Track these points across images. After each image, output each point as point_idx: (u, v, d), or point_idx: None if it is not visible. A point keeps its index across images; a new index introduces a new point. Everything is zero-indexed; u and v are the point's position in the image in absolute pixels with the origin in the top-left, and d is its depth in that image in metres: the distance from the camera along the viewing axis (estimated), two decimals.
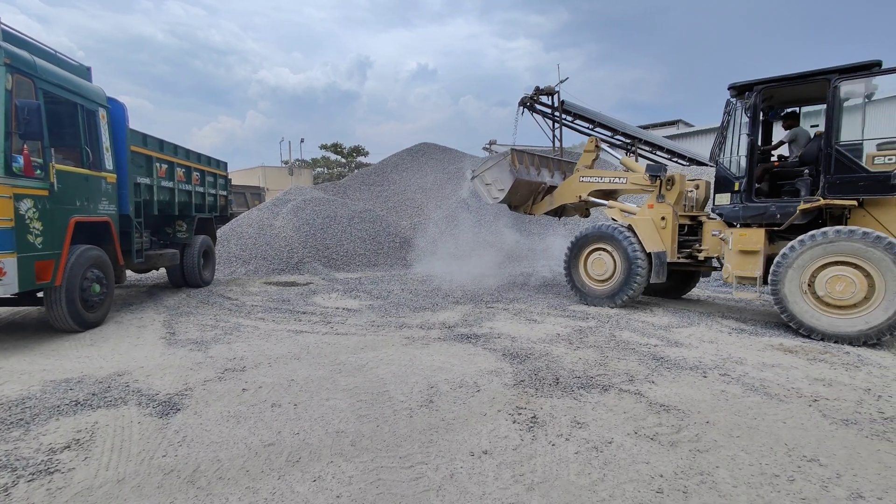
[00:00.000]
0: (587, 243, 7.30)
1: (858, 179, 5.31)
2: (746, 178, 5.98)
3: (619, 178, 7.83)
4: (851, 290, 5.10)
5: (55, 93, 5.04)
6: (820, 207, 5.56)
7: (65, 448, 2.75)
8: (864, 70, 5.30)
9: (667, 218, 6.75)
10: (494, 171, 8.53)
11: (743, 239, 5.95)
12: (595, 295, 7.19)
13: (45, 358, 4.45)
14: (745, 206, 6.00)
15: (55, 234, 4.93)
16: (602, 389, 3.71)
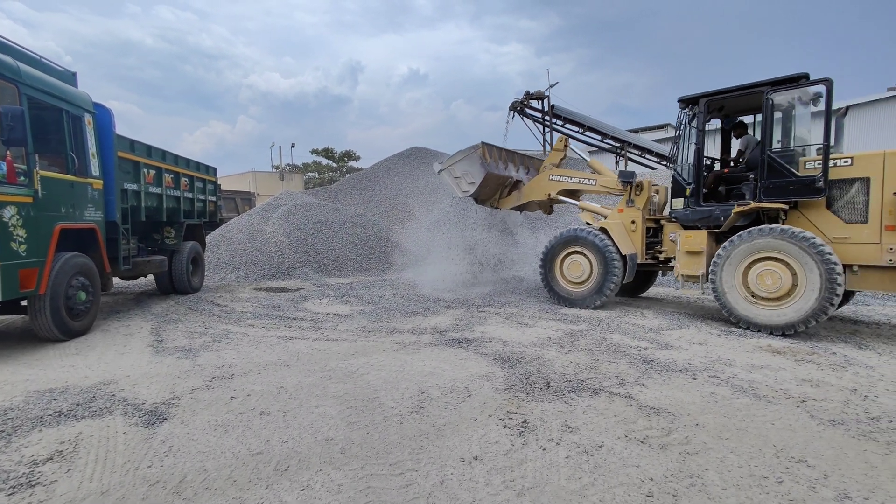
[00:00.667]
0: (563, 247, 7.49)
1: (789, 184, 5.70)
2: (696, 184, 6.40)
3: (588, 179, 8.13)
4: (778, 283, 5.52)
5: (40, 98, 4.97)
6: (755, 210, 5.94)
7: (47, 460, 2.70)
8: (793, 82, 5.72)
9: (636, 221, 7.18)
10: (464, 164, 8.46)
11: (689, 240, 6.38)
12: (572, 297, 7.35)
13: (28, 368, 4.37)
14: (693, 210, 6.46)
15: (39, 242, 4.86)
16: (593, 393, 3.71)
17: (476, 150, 8.35)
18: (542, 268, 7.71)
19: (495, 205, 9.20)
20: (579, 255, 7.33)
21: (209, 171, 9.73)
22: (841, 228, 5.58)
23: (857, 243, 5.47)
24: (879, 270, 5.39)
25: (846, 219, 5.57)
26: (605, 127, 19.22)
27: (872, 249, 5.38)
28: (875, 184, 5.37)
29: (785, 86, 5.75)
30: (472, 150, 8.42)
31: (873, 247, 5.37)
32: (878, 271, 5.40)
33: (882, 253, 5.31)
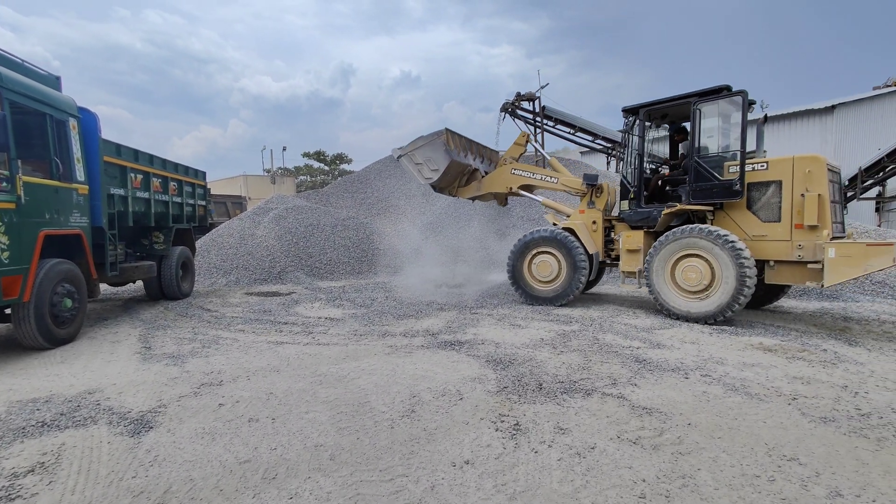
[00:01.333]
0: (531, 247, 7.64)
1: (713, 187, 6.23)
2: (637, 187, 6.89)
3: (550, 177, 8.31)
4: (699, 277, 6.06)
5: (22, 103, 4.89)
6: (685, 211, 6.47)
7: (28, 472, 2.63)
8: (715, 93, 6.25)
9: (597, 222, 7.53)
10: (426, 150, 8.26)
11: (629, 240, 6.86)
12: (541, 295, 7.55)
13: (11, 377, 4.28)
14: (635, 211, 6.98)
15: (23, 249, 4.77)
16: (585, 394, 3.70)
17: (440, 137, 8.14)
18: (510, 268, 7.82)
19: (453, 193, 9.11)
20: (547, 254, 7.53)
21: (198, 175, 9.64)
22: (759, 227, 6.09)
23: (772, 241, 5.99)
24: (791, 265, 5.93)
25: (763, 218, 6.08)
26: (595, 127, 19.30)
27: (785, 246, 5.91)
28: (786, 186, 5.90)
29: (709, 97, 6.29)
30: (436, 137, 8.19)
31: (785, 244, 5.91)
32: (790, 265, 5.94)
33: (792, 249, 5.85)
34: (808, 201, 5.70)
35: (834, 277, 5.42)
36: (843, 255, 5.34)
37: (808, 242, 5.75)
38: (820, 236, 5.68)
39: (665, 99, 6.74)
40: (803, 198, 5.75)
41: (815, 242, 5.68)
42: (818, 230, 5.70)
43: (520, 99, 17.18)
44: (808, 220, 5.71)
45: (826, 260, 5.45)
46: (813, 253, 5.71)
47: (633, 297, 8.52)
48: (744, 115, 6.11)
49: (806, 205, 5.71)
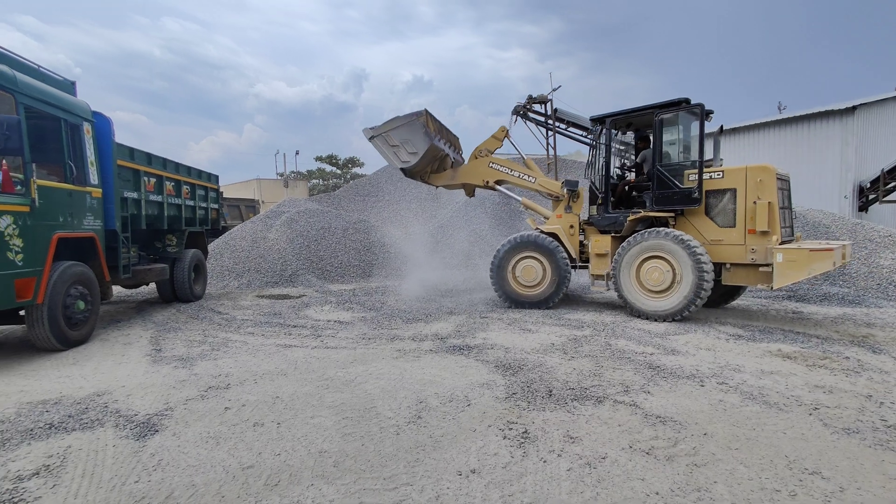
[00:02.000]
0: (515, 252, 7.63)
1: (673, 194, 6.59)
2: (604, 194, 7.20)
3: (529, 176, 8.25)
4: (662, 277, 6.42)
5: (37, 107, 4.96)
6: (648, 217, 6.83)
7: (33, 475, 2.63)
8: (675, 106, 6.58)
9: (574, 226, 7.70)
10: (403, 131, 7.92)
11: (598, 243, 7.16)
12: (526, 300, 7.56)
13: (23, 378, 4.32)
14: (603, 216, 7.26)
15: (37, 251, 4.83)
16: (596, 401, 3.60)
17: (419, 118, 7.85)
18: (493, 273, 7.76)
19: (425, 178, 8.86)
20: (532, 259, 7.55)
21: (211, 178, 9.73)
22: (716, 232, 6.47)
23: (728, 245, 6.38)
24: (745, 267, 6.32)
25: (720, 224, 6.48)
26: None
27: (739, 250, 6.31)
28: (740, 194, 6.29)
29: (669, 109, 6.63)
30: (414, 118, 7.89)
31: (740, 247, 6.31)
32: (744, 268, 6.33)
33: (746, 252, 6.25)
34: (759, 208, 6.11)
35: (782, 280, 5.82)
36: (789, 260, 5.75)
37: (759, 246, 6.16)
38: (770, 241, 6.08)
39: (629, 110, 7.07)
40: (755, 205, 6.15)
41: (766, 247, 6.09)
42: (769, 235, 6.11)
43: (532, 102, 17.06)
44: (759, 225, 6.11)
45: (775, 264, 5.84)
46: (764, 256, 6.12)
47: None
48: (701, 127, 6.47)
49: (758, 211, 6.11)
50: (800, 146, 19.69)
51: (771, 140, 20.67)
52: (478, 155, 8.62)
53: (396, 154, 8.03)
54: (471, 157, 8.74)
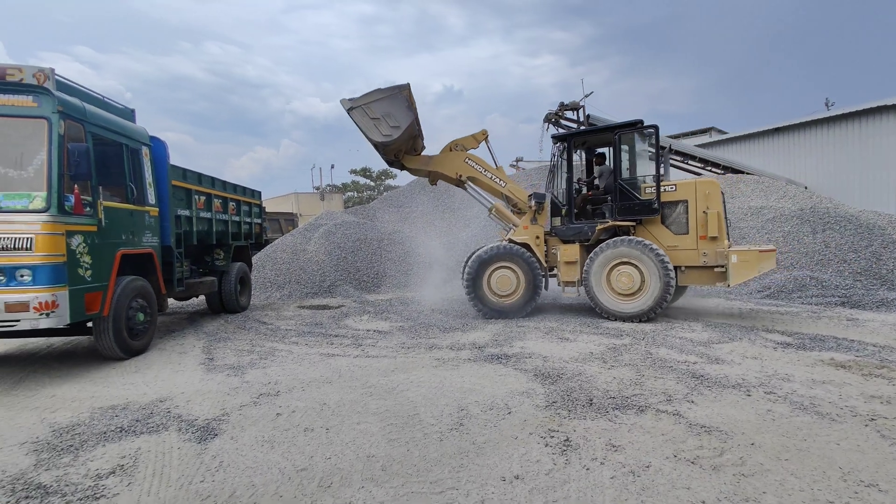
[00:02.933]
0: (491, 262, 7.82)
1: (634, 205, 7.26)
2: (568, 206, 7.77)
3: (500, 180, 8.49)
4: (631, 282, 6.99)
5: (102, 135, 5.39)
6: (613, 226, 7.38)
7: (110, 474, 2.86)
8: (632, 126, 7.35)
9: (540, 237, 8.05)
10: (385, 104, 7.70)
11: (567, 252, 7.62)
12: (500, 309, 7.74)
13: (93, 385, 4.67)
14: (568, 227, 7.80)
15: (103, 267, 5.22)
16: (638, 410, 3.59)
17: (402, 92, 7.75)
18: (468, 283, 7.84)
19: (399, 157, 8.68)
20: (506, 269, 7.77)
21: (254, 194, 10.20)
22: (672, 239, 7.18)
23: (682, 250, 7.09)
24: (697, 269, 7.07)
25: (675, 231, 7.21)
26: None
27: (693, 254, 7.06)
28: (692, 204, 7.08)
29: (627, 129, 7.37)
30: (397, 91, 7.74)
31: (693, 252, 7.06)
32: (697, 270, 7.08)
33: (699, 256, 7.01)
34: (710, 217, 6.91)
35: (737, 279, 6.58)
36: (742, 261, 6.54)
37: (710, 251, 6.94)
38: (720, 245, 6.89)
39: (590, 129, 7.94)
40: (706, 214, 6.95)
41: (716, 250, 6.89)
42: (718, 240, 6.91)
43: (563, 109, 17.04)
44: (711, 232, 6.91)
45: (730, 264, 6.58)
46: (715, 259, 6.90)
47: (688, 308, 8.16)
48: (657, 145, 7.27)
49: (709, 220, 6.91)
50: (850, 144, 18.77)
51: (818, 139, 19.79)
52: (453, 148, 8.68)
53: (377, 127, 7.74)
54: (445, 149, 8.74)
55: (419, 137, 8.69)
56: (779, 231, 10.86)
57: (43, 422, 3.73)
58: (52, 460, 3.06)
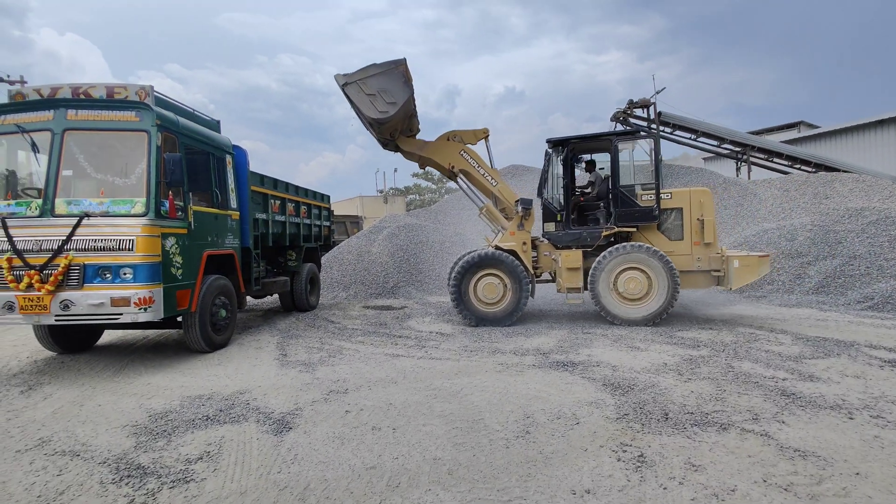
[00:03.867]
0: (477, 269, 7.66)
1: (634, 212, 7.37)
2: (566, 212, 7.69)
3: (492, 178, 8.31)
4: (639, 287, 7.07)
5: (192, 145, 5.87)
6: (614, 232, 7.50)
7: (198, 459, 3.09)
8: (631, 135, 7.71)
9: (527, 243, 7.96)
10: (382, 79, 7.33)
11: (569, 259, 7.50)
12: (487, 317, 7.60)
13: (182, 375, 5.08)
14: (566, 233, 7.71)
15: (192, 267, 5.67)
16: (720, 428, 3.34)
17: (398, 67, 7.36)
18: (453, 290, 7.62)
19: (395, 136, 8.32)
20: (493, 276, 7.64)
21: (324, 198, 10.65)
22: (668, 244, 7.36)
23: (677, 255, 7.25)
24: (691, 274, 7.35)
25: (670, 237, 7.43)
26: (721, 131, 17.61)
27: (687, 259, 7.29)
28: (686, 212, 7.37)
29: (625, 136, 7.59)
30: (394, 66, 7.37)
31: (688, 257, 7.30)
32: (691, 274, 7.35)
33: (693, 261, 7.29)
34: (706, 225, 7.23)
35: (739, 282, 6.84)
36: (744, 265, 6.82)
37: (704, 256, 7.27)
38: (713, 251, 7.25)
39: (589, 135, 7.72)
40: (700, 221, 7.26)
41: (710, 256, 7.25)
42: (711, 246, 7.25)
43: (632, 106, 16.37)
44: (706, 238, 7.23)
45: (732, 269, 6.83)
46: (708, 264, 7.25)
47: (773, 319, 7.51)
48: (656, 153, 7.35)
49: (705, 227, 7.24)
50: None
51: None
52: (451, 138, 8.42)
53: (374, 103, 7.37)
54: (442, 137, 8.47)
55: (414, 117, 8.42)
56: (883, 235, 9.73)
57: (141, 407, 4.10)
58: (148, 443, 3.35)
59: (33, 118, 5.19)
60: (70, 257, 4.83)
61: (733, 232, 13.77)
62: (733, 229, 14.13)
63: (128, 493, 2.70)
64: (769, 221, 13.67)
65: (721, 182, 16.40)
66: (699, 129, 17.45)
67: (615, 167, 7.43)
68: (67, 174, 5.36)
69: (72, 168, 5.34)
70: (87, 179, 5.46)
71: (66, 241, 4.85)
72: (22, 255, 4.85)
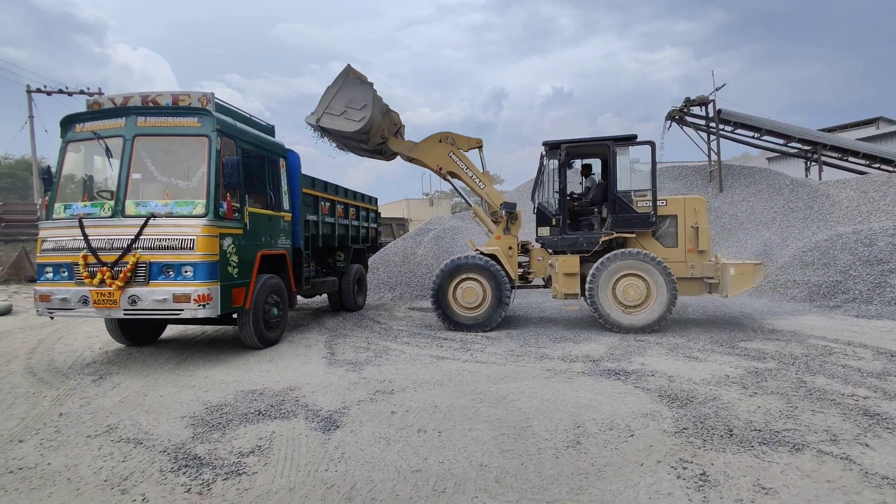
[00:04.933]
0: (456, 273, 7.58)
1: (631, 218, 7.29)
2: (562, 216, 7.53)
3: (480, 181, 8.26)
4: (638, 293, 6.97)
5: (249, 149, 6.10)
6: (612, 238, 7.39)
7: (250, 452, 3.17)
8: (628, 140, 7.39)
9: (513, 248, 7.91)
10: (342, 94, 7.61)
11: (566, 264, 7.39)
12: (464, 322, 7.52)
13: (236, 370, 5.27)
14: (562, 238, 7.55)
15: (247, 266, 5.89)
16: (793, 448, 3.06)
17: (349, 75, 7.66)
18: (434, 292, 7.60)
19: (386, 137, 8.29)
20: (472, 281, 7.55)
21: (371, 201, 10.83)
22: (662, 251, 7.30)
23: (672, 262, 7.17)
24: (686, 281, 7.29)
25: (665, 244, 7.40)
26: (789, 128, 16.49)
27: (681, 266, 7.27)
28: (681, 219, 7.34)
29: (622, 142, 7.36)
30: (345, 76, 7.67)
31: (682, 264, 7.29)
32: (686, 281, 7.29)
33: (687, 268, 7.28)
34: (701, 232, 7.23)
35: (735, 289, 6.76)
36: (740, 273, 6.78)
37: (697, 263, 7.26)
38: (707, 258, 7.27)
39: (585, 139, 7.66)
40: (694, 229, 7.25)
41: (703, 263, 7.24)
42: (705, 254, 7.27)
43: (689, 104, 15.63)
44: (701, 246, 7.23)
45: (728, 276, 6.77)
46: (701, 271, 7.24)
47: (849, 331, 6.89)
48: (653, 160, 7.28)
49: (700, 235, 7.24)
50: None
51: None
52: (443, 139, 8.34)
53: (348, 118, 7.62)
54: (433, 138, 8.39)
55: (389, 112, 8.43)
56: None
57: (198, 399, 4.28)
58: (204, 434, 3.48)
59: (107, 125, 5.57)
60: (138, 255, 5.14)
61: (801, 236, 12.82)
62: (801, 233, 13.16)
63: (185, 482, 2.80)
64: (843, 225, 12.62)
65: (788, 183, 15.35)
66: (763, 127, 16.40)
67: (611, 172, 7.33)
68: (136, 177, 5.70)
69: (140, 171, 5.69)
70: (153, 182, 5.80)
71: (135, 240, 5.16)
72: (96, 252, 5.20)
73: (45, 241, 5.47)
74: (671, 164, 21.66)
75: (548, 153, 7.83)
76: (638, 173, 7.73)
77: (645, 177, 7.46)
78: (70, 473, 2.94)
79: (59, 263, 5.37)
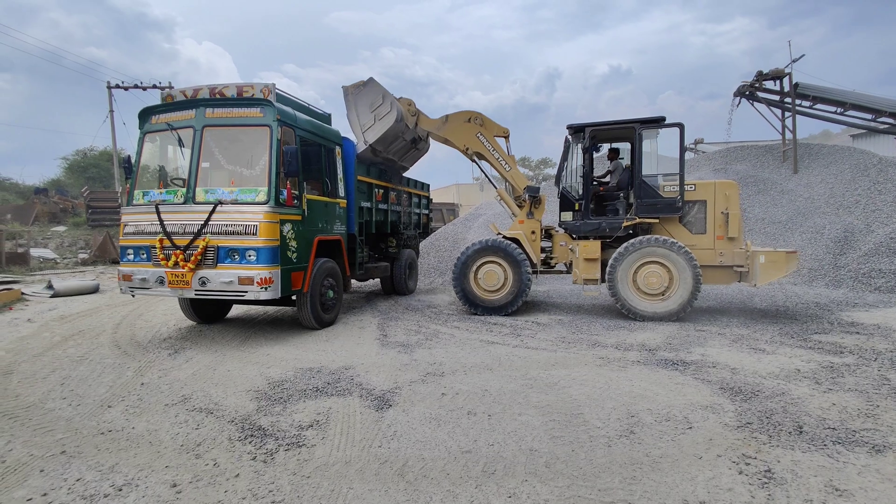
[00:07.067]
0: (478, 256, 7.61)
1: (657, 203, 7.04)
2: (585, 201, 7.39)
3: (506, 163, 8.18)
4: (660, 281, 6.77)
5: (307, 137, 6.31)
6: (635, 223, 7.16)
7: (309, 426, 3.35)
8: (655, 122, 7.05)
9: (536, 232, 7.87)
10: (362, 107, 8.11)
11: (587, 249, 7.28)
12: (487, 305, 7.53)
13: (295, 349, 5.55)
14: (584, 223, 7.44)
15: (305, 251, 6.14)
16: (872, 450, 2.84)
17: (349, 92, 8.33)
18: (455, 276, 7.68)
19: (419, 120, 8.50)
20: (494, 264, 7.56)
21: (423, 187, 10.92)
22: (689, 238, 7.07)
23: (700, 249, 6.96)
24: (714, 269, 7.00)
25: (693, 231, 7.13)
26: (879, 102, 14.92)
27: (710, 254, 6.99)
28: (710, 205, 7.03)
29: (650, 124, 7.07)
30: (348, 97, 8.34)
31: (710, 252, 6.99)
32: (713, 269, 7.00)
33: (716, 256, 6.97)
34: (731, 218, 6.90)
35: (764, 279, 6.52)
36: (770, 261, 6.49)
37: (728, 251, 6.94)
38: (738, 246, 6.94)
39: (610, 122, 7.34)
40: (725, 215, 6.93)
41: (734, 251, 6.92)
42: (736, 241, 6.94)
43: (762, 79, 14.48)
44: (731, 233, 6.92)
45: (758, 265, 6.51)
46: (732, 259, 6.92)
47: None
48: (682, 143, 7.00)
49: (730, 221, 6.91)
50: None
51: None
52: (472, 119, 8.21)
53: (382, 117, 7.94)
54: (461, 116, 8.27)
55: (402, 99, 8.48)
56: None
57: (261, 375, 4.55)
58: (268, 408, 3.71)
59: (179, 116, 5.94)
60: (207, 240, 5.49)
61: (890, 221, 11.65)
62: (890, 217, 11.95)
63: (251, 450, 3.01)
64: None
65: (876, 162, 13.94)
66: (848, 101, 14.91)
67: (636, 156, 7.08)
68: (205, 165, 6.07)
69: (208, 160, 6.04)
70: (221, 170, 6.14)
71: (204, 225, 5.52)
72: (171, 236, 5.61)
73: (127, 226, 5.96)
74: (740, 144, 20.22)
75: (573, 137, 7.64)
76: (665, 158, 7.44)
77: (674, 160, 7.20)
78: (151, 437, 3.24)
79: (139, 246, 5.84)
